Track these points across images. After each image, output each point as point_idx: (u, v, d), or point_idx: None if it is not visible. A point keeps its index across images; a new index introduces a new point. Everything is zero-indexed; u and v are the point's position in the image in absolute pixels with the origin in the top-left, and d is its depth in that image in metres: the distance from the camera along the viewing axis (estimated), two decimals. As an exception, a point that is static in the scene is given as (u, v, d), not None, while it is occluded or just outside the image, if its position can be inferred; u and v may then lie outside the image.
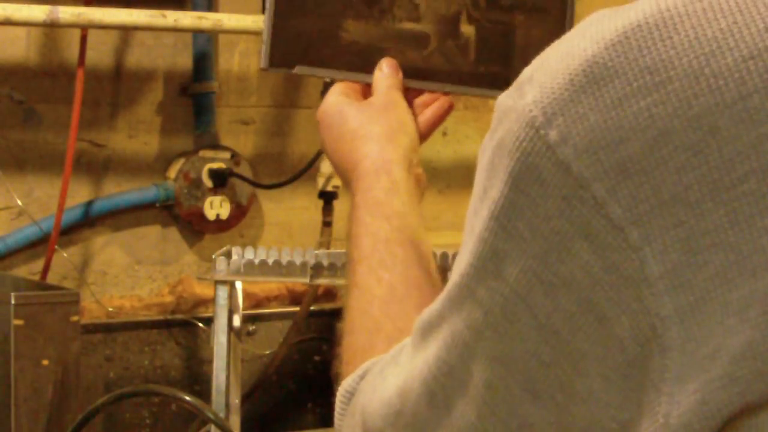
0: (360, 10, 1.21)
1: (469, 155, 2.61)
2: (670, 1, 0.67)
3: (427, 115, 1.17)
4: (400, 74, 1.16)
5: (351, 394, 0.90)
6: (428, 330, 0.76)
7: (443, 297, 0.74)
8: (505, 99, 0.71)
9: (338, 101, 1.13)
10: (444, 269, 1.82)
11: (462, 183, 2.61)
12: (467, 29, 1.21)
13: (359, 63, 1.19)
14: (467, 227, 0.72)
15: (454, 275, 0.72)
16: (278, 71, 1.22)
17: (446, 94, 1.19)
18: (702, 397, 0.64)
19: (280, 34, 1.20)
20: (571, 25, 1.16)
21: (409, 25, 1.21)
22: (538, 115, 0.67)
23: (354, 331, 0.99)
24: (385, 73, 1.16)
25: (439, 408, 0.74)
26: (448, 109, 1.19)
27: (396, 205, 1.05)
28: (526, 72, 0.70)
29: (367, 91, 1.17)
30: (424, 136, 1.17)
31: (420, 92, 1.19)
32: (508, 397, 0.69)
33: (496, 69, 1.19)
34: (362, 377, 0.90)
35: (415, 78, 1.19)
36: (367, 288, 1.00)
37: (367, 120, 1.10)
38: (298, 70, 1.20)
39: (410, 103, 1.17)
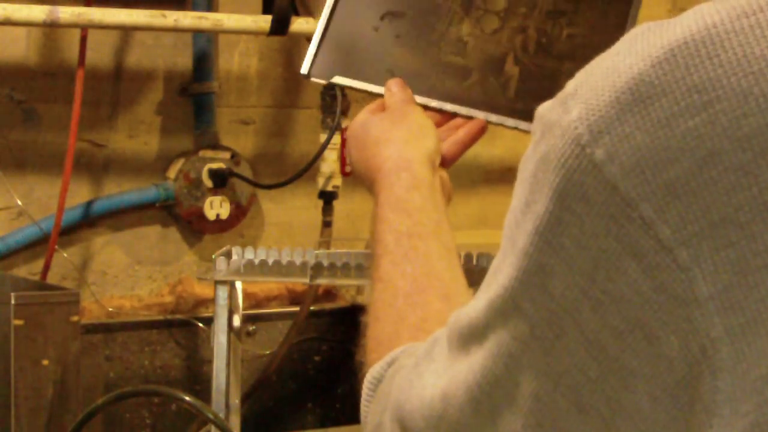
0: (408, 41, 1.26)
1: (467, 156, 2.60)
2: (716, 16, 0.66)
3: (459, 135, 1.24)
4: (409, 90, 1.22)
5: (378, 381, 0.91)
6: (470, 337, 0.76)
7: (485, 306, 0.74)
8: (548, 113, 0.70)
9: (362, 117, 1.19)
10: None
11: (462, 183, 2.61)
12: (512, 69, 1.23)
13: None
14: (507, 237, 0.72)
15: (496, 286, 0.72)
16: (316, 81, 1.27)
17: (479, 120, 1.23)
18: (755, 419, 0.64)
19: (327, 46, 1.25)
20: None
21: (454, 59, 1.24)
22: (584, 132, 0.67)
23: (379, 321, 1.01)
24: (395, 92, 1.21)
25: (484, 416, 0.74)
26: (480, 131, 1.24)
27: (417, 200, 1.09)
28: (570, 86, 0.70)
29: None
30: (455, 155, 1.24)
31: (454, 116, 1.24)
32: (554, 409, 0.70)
33: (534, 107, 1.21)
34: (390, 364, 0.91)
35: (451, 102, 1.22)
36: (390, 281, 1.03)
37: (389, 126, 1.16)
38: (336, 79, 1.24)
39: (442, 124, 1.23)
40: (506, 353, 0.71)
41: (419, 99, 1.22)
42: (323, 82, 1.27)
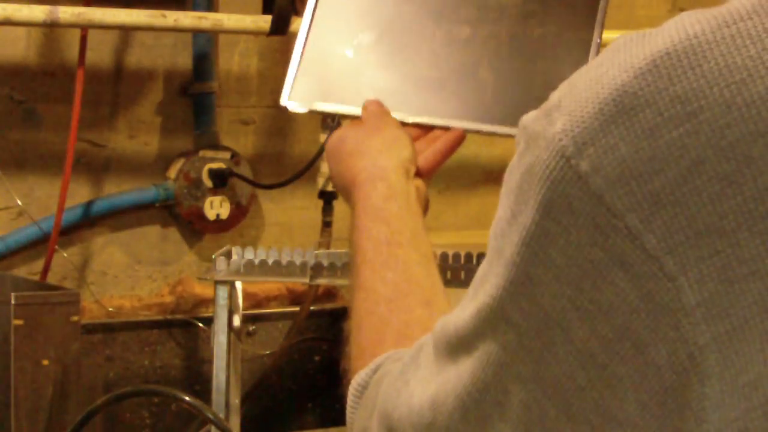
0: (383, 60, 1.28)
1: (467, 156, 2.61)
2: (698, 26, 0.66)
3: (437, 146, 1.24)
4: (384, 107, 1.23)
5: (363, 387, 0.92)
6: (458, 345, 0.76)
7: (473, 315, 0.74)
8: (532, 123, 0.70)
9: (340, 132, 1.21)
10: (444, 269, 1.83)
11: (461, 183, 2.61)
12: (487, 75, 1.23)
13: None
14: (493, 247, 0.73)
15: (484, 296, 0.72)
16: (296, 111, 1.27)
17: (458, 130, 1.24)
18: (744, 426, 0.65)
19: (304, 74, 1.26)
20: None
21: (429, 72, 1.25)
22: (569, 144, 0.67)
23: (362, 329, 1.02)
24: (370, 108, 1.23)
25: (473, 424, 0.74)
26: (458, 140, 1.25)
27: (394, 209, 1.10)
28: (554, 97, 0.70)
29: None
30: (433, 166, 1.23)
31: (432, 129, 1.25)
32: (543, 417, 0.70)
33: (511, 110, 1.21)
34: (375, 371, 0.92)
35: (428, 115, 1.23)
36: (372, 289, 1.05)
37: (363, 137, 1.18)
38: (316, 106, 1.26)
39: (420, 137, 1.24)
40: (495, 362, 0.72)
41: (396, 115, 1.23)
42: (303, 111, 1.28)
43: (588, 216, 0.66)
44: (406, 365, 0.84)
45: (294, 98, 1.28)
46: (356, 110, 1.25)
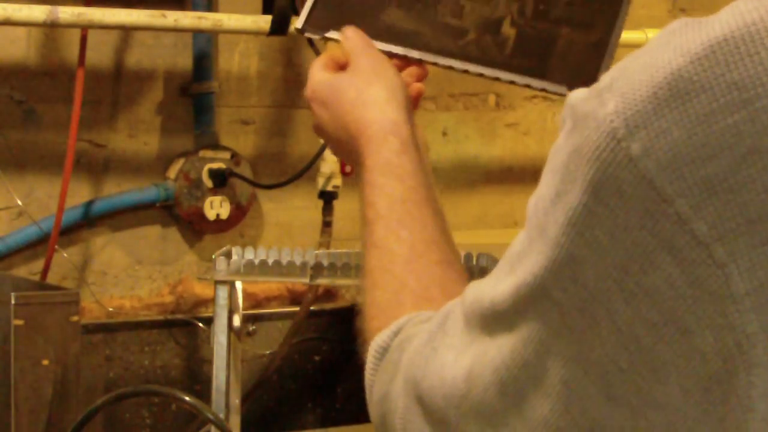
0: (405, 2, 1.25)
1: (468, 155, 2.61)
2: (755, 14, 0.66)
3: (416, 79, 1.19)
4: (367, 37, 1.18)
5: (384, 350, 0.91)
6: (495, 320, 0.76)
7: (510, 291, 0.74)
8: (581, 103, 0.70)
9: (327, 77, 1.14)
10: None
11: (461, 183, 2.61)
12: (509, 31, 1.23)
13: (392, 40, 1.23)
14: (534, 224, 0.72)
15: (524, 273, 0.72)
16: (312, 35, 1.27)
17: (480, 75, 1.21)
18: None
19: (324, 3, 1.26)
20: (616, 43, 1.19)
21: (450, 20, 1.24)
22: (620, 126, 0.67)
23: (377, 287, 0.99)
24: (351, 37, 1.17)
25: (509, 399, 0.74)
26: (424, 71, 1.20)
27: (407, 165, 1.06)
28: (605, 79, 0.70)
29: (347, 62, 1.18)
30: (418, 100, 1.18)
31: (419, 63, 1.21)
32: (583, 396, 0.70)
33: (531, 64, 1.21)
34: (396, 333, 0.91)
35: (449, 57, 1.22)
36: (386, 247, 1.01)
37: (364, 85, 1.12)
38: (331, 34, 1.24)
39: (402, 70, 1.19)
40: (536, 339, 0.72)
41: (380, 46, 1.20)
42: (317, 36, 1.27)
43: (637, 199, 0.66)
44: (432, 332, 0.84)
45: (310, 24, 1.28)
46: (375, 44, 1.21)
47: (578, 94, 0.71)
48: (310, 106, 1.17)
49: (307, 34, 1.28)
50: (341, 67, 1.16)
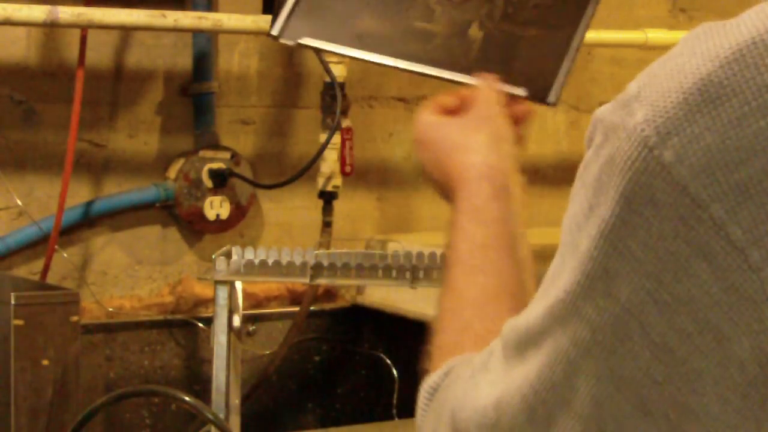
0: (377, 7, 1.28)
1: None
2: None
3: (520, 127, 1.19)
4: (497, 91, 1.18)
5: (434, 390, 0.90)
6: (526, 344, 0.75)
7: (543, 312, 0.73)
8: (609, 115, 0.70)
9: (435, 120, 1.15)
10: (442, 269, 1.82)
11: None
12: (476, 33, 1.24)
13: (364, 46, 1.26)
14: (566, 242, 0.72)
15: (556, 291, 0.72)
16: (287, 41, 1.29)
17: (445, 81, 1.23)
18: None
19: (299, 10, 1.28)
20: (577, 46, 1.19)
21: (420, 25, 1.26)
22: (651, 134, 0.66)
23: (444, 331, 0.99)
24: (486, 86, 1.17)
25: (539, 424, 0.74)
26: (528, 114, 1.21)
27: (495, 212, 1.06)
28: (632, 88, 0.70)
29: (459, 107, 1.17)
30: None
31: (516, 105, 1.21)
32: (617, 413, 0.69)
33: (494, 67, 1.21)
34: (447, 374, 0.90)
35: (414, 62, 1.24)
36: (460, 290, 1.01)
37: (471, 131, 1.11)
38: (305, 40, 1.27)
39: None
40: (564, 359, 0.71)
41: (375, 58, 1.23)
42: (291, 43, 1.29)
43: (671, 207, 0.66)
44: (475, 370, 0.83)
45: (285, 30, 1.29)
46: (343, 50, 1.25)
47: (604, 108, 0.71)
48: (416, 148, 1.17)
49: (282, 40, 1.30)
50: (449, 111, 1.16)
